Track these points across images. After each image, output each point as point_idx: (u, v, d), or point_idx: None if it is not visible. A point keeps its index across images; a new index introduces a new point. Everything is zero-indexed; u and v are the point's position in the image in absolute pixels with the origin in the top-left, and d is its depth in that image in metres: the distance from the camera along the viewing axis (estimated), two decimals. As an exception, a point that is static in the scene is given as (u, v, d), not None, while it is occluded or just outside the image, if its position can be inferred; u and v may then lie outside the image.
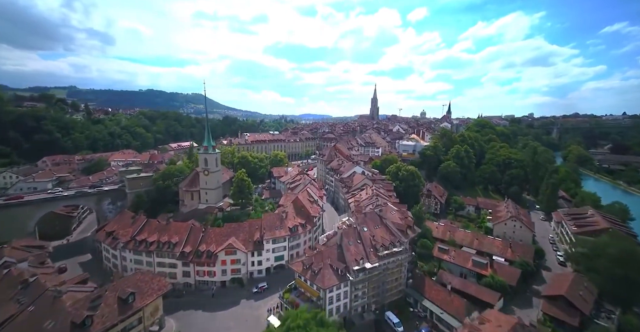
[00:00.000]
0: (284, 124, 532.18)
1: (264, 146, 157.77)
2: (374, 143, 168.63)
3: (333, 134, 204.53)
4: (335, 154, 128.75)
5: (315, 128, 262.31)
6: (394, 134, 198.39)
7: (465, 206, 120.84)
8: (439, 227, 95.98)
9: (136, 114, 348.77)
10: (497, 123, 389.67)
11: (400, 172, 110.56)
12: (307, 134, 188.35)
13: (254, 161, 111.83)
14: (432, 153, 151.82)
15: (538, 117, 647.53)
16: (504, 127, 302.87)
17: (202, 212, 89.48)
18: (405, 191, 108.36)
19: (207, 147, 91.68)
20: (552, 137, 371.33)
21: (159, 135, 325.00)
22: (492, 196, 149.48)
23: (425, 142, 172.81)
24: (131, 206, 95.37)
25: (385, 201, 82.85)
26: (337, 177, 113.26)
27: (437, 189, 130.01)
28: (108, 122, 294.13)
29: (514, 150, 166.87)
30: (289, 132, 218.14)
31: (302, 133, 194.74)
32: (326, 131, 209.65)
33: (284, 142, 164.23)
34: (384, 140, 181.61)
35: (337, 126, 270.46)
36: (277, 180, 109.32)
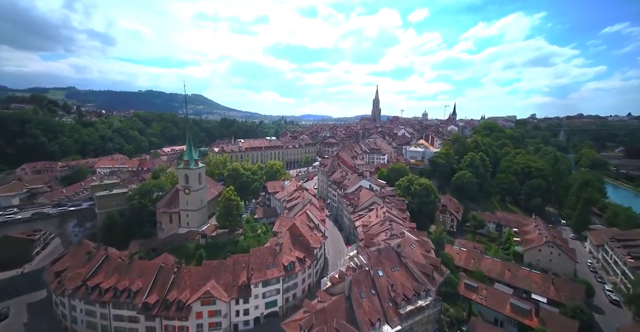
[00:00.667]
0: (284, 126, 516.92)
1: (260, 154, 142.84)
2: (379, 149, 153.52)
3: (335, 139, 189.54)
4: (338, 163, 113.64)
5: (315, 131, 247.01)
6: (399, 139, 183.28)
7: (485, 224, 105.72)
8: (460, 253, 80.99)
9: (130, 116, 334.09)
10: (503, 125, 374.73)
11: (413, 186, 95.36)
12: (307, 139, 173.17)
13: (247, 174, 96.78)
14: (444, 161, 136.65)
15: (542, 118, 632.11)
16: (511, 130, 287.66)
17: (182, 238, 74.56)
18: (419, 208, 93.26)
19: (188, 162, 76.61)
20: (559, 140, 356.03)
21: (153, 138, 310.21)
22: (510, 207, 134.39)
23: (435, 148, 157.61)
24: (102, 228, 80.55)
25: (400, 226, 67.81)
26: (340, 191, 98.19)
27: (452, 202, 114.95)
28: (100, 125, 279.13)
29: (533, 157, 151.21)
30: (287, 137, 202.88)
31: (301, 138, 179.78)
32: (327, 136, 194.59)
33: (281, 148, 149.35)
34: (389, 145, 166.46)
35: (338, 129, 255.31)
36: (272, 196, 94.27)
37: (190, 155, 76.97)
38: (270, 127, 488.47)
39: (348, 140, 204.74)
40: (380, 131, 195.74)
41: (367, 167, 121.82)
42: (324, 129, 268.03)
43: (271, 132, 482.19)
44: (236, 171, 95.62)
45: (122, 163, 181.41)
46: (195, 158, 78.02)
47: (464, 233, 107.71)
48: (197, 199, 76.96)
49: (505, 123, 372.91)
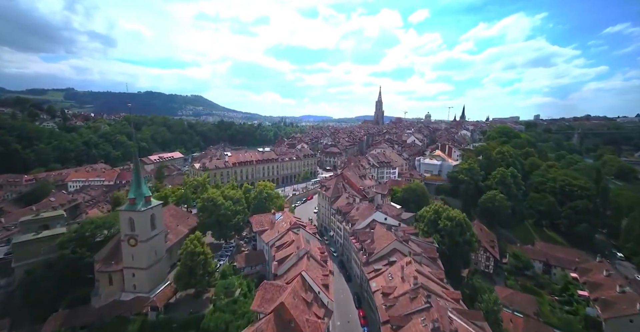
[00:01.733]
0: (283, 128, 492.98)
1: (251, 169, 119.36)
2: (389, 162, 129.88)
3: (337, 148, 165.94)
4: (343, 185, 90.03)
5: (316, 137, 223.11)
6: (410, 148, 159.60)
7: (531, 263, 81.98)
8: (516, 323, 57.68)
9: (120, 120, 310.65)
10: (513, 128, 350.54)
11: (441, 221, 71.79)
12: (306, 150, 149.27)
13: (227, 204, 73.34)
14: (468, 177, 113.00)
15: (548, 119, 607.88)
16: (526, 134, 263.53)
17: (125, 309, 51.30)
18: (450, 249, 69.88)
19: (134, 201, 52.72)
20: (573, 143, 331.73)
21: (143, 143, 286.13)
22: (548, 233, 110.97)
23: (453, 160, 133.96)
24: (19, 288, 57.35)
25: (441, 302, 44.37)
26: (347, 226, 74.70)
27: (485, 233, 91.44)
28: (84, 130, 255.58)
29: (571, 172, 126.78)
30: (284, 145, 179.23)
31: (299, 148, 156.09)
32: (329, 144, 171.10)
33: (276, 162, 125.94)
34: (400, 157, 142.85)
35: (340, 135, 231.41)
36: (258, 236, 70.66)
37: (139, 191, 53.14)
38: (269, 130, 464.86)
39: (351, 148, 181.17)
40: (387, 139, 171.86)
41: (378, 188, 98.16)
42: (324, 134, 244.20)
43: (270, 134, 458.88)
44: (213, 202, 71.93)
45: (98, 175, 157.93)
46: (147, 194, 54.21)
47: (502, 274, 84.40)
48: (148, 251, 53.33)
49: (515, 126, 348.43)
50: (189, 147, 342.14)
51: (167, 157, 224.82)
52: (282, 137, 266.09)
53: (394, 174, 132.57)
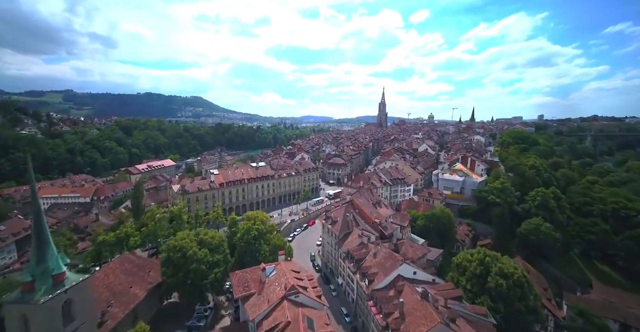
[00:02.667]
0: (283, 131, 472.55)
1: (242, 189, 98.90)
2: (402, 179, 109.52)
3: (342, 158, 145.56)
4: (354, 218, 69.67)
5: (317, 144, 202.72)
6: (424, 159, 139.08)
7: (608, 327, 61.59)
8: None
9: (110, 125, 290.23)
10: (522, 129, 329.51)
11: (492, 277, 51.53)
12: (307, 163, 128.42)
13: (201, 255, 53.39)
14: (500, 199, 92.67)
15: (554, 120, 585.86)
16: (541, 138, 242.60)
17: None
18: (507, 319, 49.76)
19: (31, 285, 32.36)
20: (586, 146, 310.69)
21: (134, 149, 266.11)
22: (600, 268, 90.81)
23: (477, 175, 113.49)
24: None
25: None
26: (362, 282, 54.65)
27: (533, 276, 70.89)
28: (69, 135, 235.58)
29: (621, 191, 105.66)
30: (282, 155, 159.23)
31: (299, 160, 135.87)
32: (332, 154, 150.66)
33: (272, 179, 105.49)
34: (414, 171, 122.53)
35: (343, 141, 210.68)
36: (241, 305, 50.48)
37: (41, 268, 32.78)
38: (269, 133, 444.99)
39: (357, 158, 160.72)
40: (397, 148, 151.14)
41: (396, 218, 77.84)
42: (326, 140, 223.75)
43: (269, 137, 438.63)
44: (181, 252, 51.76)
45: (73, 190, 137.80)
46: (58, 270, 33.77)
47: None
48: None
49: (524, 128, 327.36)
50: (184, 152, 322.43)
51: (156, 165, 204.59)
52: (280, 145, 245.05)
53: (409, 191, 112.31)
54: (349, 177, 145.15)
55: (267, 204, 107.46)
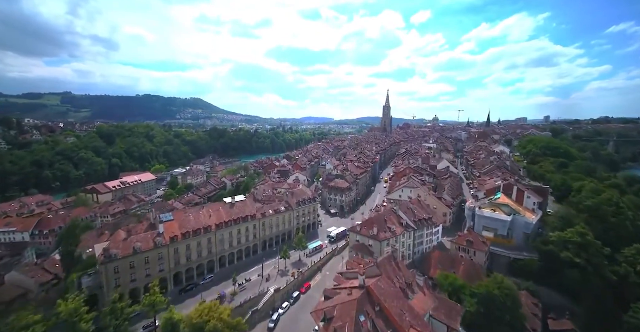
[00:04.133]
0: (281, 135, 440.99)
1: (208, 240, 68.66)
2: (429, 218, 78.40)
3: (345, 180, 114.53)
4: (373, 324, 38.85)
5: (316, 157, 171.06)
6: (450, 184, 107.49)
7: None
8: None
9: (90, 132, 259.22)
10: (537, 133, 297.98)
11: None
12: (302, 191, 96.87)
13: None
14: (581, 258, 61.41)
15: (560, 120, 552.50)
16: (566, 144, 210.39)
17: None
18: None
19: None
20: (609, 152, 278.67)
21: (116, 159, 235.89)
22: None
23: (530, 213, 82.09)
24: None
25: None
26: None
27: None
28: (39, 146, 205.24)
29: None
30: (273, 174, 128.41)
31: (293, 182, 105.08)
32: (333, 174, 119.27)
33: (254, 220, 74.69)
34: (441, 202, 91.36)
35: (346, 152, 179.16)
36: None
37: None
38: (266, 137, 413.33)
39: (363, 177, 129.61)
40: (415, 168, 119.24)
41: (439, 312, 46.99)
42: (326, 150, 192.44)
43: (267, 142, 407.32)
44: None
45: (7, 223, 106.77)
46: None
47: None
48: None
49: (539, 132, 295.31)
50: (174, 160, 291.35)
51: (132, 181, 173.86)
52: (275, 157, 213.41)
53: (436, 234, 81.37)
54: (353, 205, 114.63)
55: (245, 255, 76.62)
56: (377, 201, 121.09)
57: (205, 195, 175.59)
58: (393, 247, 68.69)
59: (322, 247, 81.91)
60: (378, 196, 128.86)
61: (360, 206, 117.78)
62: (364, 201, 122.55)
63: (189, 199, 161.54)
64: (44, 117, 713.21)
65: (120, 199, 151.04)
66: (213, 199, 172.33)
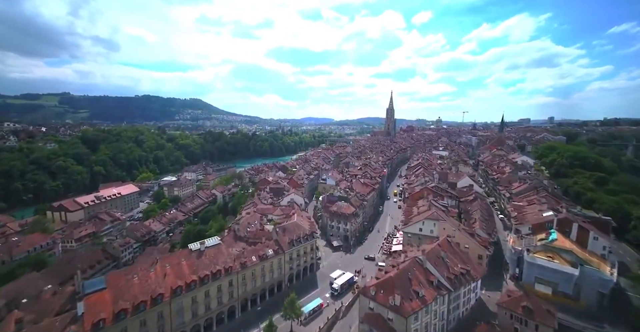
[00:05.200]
0: (280, 138, 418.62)
1: (157, 315, 49.35)
2: (467, 272, 56.85)
3: (351, 204, 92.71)
4: None
5: (315, 168, 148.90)
6: (480, 210, 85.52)
7: None
8: None
9: (72, 138, 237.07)
10: (551, 138, 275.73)
11: None
12: (298, 225, 74.62)
13: None
14: None
15: (567, 121, 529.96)
16: (590, 151, 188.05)
17: None
18: None
19: None
20: (628, 157, 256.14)
21: (99, 167, 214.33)
22: None
23: (605, 264, 60.27)
24: None
25: None
26: None
27: None
28: (10, 154, 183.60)
29: None
30: (264, 193, 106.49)
31: (288, 204, 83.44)
32: (335, 196, 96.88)
33: (230, 274, 52.85)
34: (474, 240, 69.48)
35: (349, 162, 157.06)
36: None
37: None
38: (265, 140, 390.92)
39: (370, 197, 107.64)
40: (432, 187, 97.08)
41: None
42: (327, 158, 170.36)
43: (265, 145, 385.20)
44: None
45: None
46: None
47: None
48: None
49: (553, 136, 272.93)
50: (165, 166, 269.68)
51: (110, 195, 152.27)
52: (274, 163, 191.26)
53: (474, 291, 59.72)
54: (360, 234, 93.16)
55: (217, 322, 55.23)
56: (387, 228, 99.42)
57: (192, 211, 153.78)
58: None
59: (322, 308, 60.27)
60: (388, 219, 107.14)
61: (368, 234, 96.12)
62: (371, 227, 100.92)
63: (172, 217, 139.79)
64: (42, 119, 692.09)
65: (91, 218, 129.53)
66: (200, 216, 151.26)
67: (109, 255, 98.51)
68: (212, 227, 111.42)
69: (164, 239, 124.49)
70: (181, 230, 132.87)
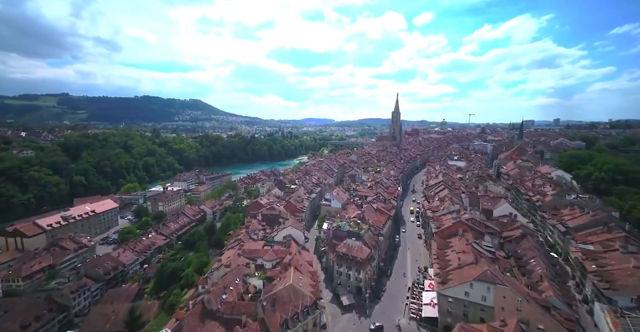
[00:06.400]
0: (280, 141, 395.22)
1: None
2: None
3: (364, 243, 69.01)
4: None
5: (317, 184, 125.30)
6: (532, 263, 62.93)
7: None
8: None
9: (55, 143, 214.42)
10: (570, 144, 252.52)
11: None
12: (295, 290, 51.41)
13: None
14: None
15: (572, 123, 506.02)
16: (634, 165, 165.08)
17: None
18: None
19: None
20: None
21: (79, 177, 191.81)
22: None
23: None
24: None
25: None
26: None
27: None
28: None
29: None
30: (256, 223, 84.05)
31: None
32: (343, 230, 71.86)
33: None
34: (547, 314, 47.46)
35: (356, 172, 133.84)
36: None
37: None
38: (263, 144, 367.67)
39: (384, 229, 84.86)
40: (471, 222, 74.30)
41: None
42: (330, 170, 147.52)
43: (264, 149, 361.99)
44: None
45: None
46: None
47: None
48: None
49: (570, 143, 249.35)
50: (155, 173, 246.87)
51: (80, 215, 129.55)
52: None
53: None
54: (377, 282, 70.70)
55: None
56: (409, 270, 76.88)
57: (175, 233, 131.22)
58: None
59: None
60: (409, 255, 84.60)
61: (386, 281, 73.48)
62: (389, 269, 78.27)
63: (149, 243, 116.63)
64: (39, 119, 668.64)
65: (52, 245, 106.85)
66: (184, 240, 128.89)
67: (56, 305, 76.50)
68: (190, 264, 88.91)
69: (137, 272, 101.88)
70: (159, 259, 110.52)
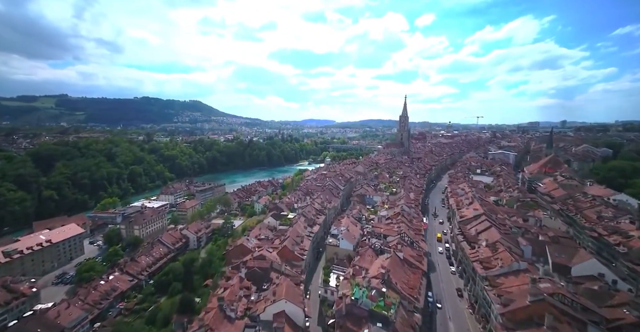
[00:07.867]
0: (280, 145, 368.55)
1: None
2: None
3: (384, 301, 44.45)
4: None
5: (320, 213, 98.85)
6: None
7: None
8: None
9: (27, 152, 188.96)
10: (597, 151, 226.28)
11: None
12: None
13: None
14: None
15: (580, 124, 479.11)
16: None
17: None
18: None
19: None
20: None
21: (49, 192, 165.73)
22: None
23: None
24: None
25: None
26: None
27: None
28: None
29: None
30: (250, 261, 59.01)
31: None
32: (360, 308, 43.21)
33: None
34: None
35: (366, 190, 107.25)
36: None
37: None
38: (262, 149, 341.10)
39: (422, 287, 58.53)
40: (555, 304, 49.30)
41: None
42: (335, 189, 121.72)
43: (262, 154, 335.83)
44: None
45: None
46: None
47: None
48: None
49: (597, 150, 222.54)
50: (141, 184, 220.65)
51: (31, 247, 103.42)
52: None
53: None
54: None
55: None
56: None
57: (145, 270, 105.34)
58: None
59: None
60: (451, 327, 58.51)
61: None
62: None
63: (106, 289, 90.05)
64: (36, 121, 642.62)
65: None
66: (156, 279, 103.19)
67: None
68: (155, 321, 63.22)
69: (86, 333, 76.11)
70: (120, 310, 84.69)
